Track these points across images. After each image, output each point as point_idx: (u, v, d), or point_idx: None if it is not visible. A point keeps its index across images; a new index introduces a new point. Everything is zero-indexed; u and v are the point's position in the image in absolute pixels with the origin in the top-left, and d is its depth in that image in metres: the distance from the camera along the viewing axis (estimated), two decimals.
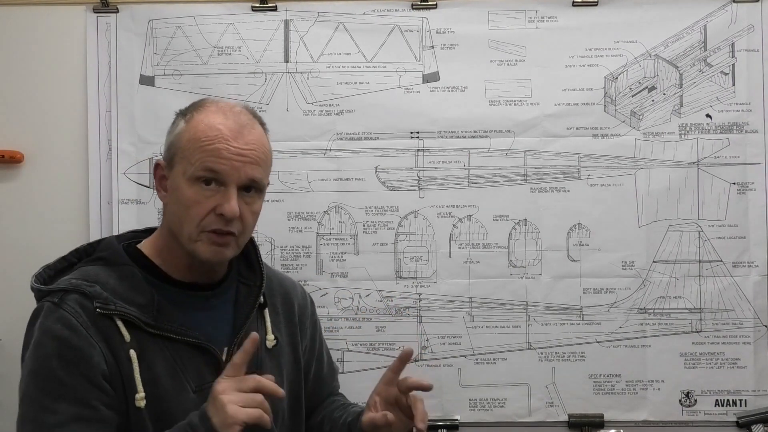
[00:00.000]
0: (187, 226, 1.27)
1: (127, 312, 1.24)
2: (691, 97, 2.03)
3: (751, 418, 1.99)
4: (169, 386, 1.26)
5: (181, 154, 1.28)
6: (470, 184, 2.04)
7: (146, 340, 1.25)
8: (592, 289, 2.02)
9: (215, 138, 1.27)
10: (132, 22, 2.06)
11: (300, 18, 2.05)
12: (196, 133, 1.28)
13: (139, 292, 1.28)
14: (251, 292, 1.39)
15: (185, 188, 1.27)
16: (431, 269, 2.04)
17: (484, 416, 2.03)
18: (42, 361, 1.21)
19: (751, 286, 2.00)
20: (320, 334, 1.58)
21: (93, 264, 1.33)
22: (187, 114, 1.32)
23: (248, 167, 1.29)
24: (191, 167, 1.27)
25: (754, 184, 2.01)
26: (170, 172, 1.30)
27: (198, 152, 1.26)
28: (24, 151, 2.05)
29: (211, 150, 1.26)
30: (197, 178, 1.26)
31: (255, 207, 1.33)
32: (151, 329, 1.26)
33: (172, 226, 1.30)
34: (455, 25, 2.04)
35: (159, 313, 1.27)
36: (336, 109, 2.05)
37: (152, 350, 1.26)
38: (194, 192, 1.27)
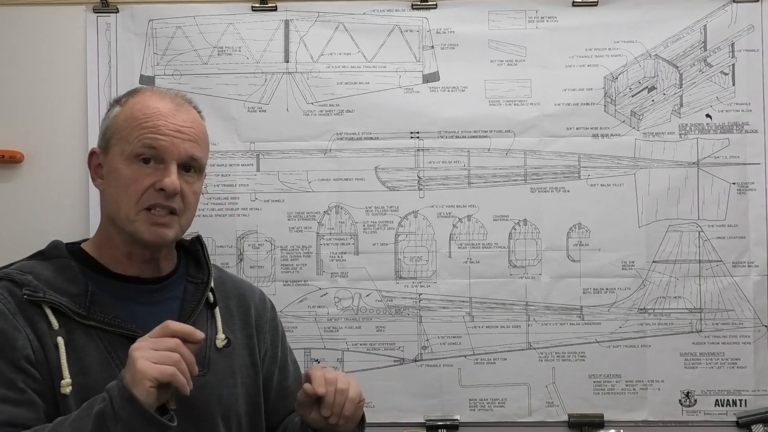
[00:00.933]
0: (125, 205, 1.26)
1: (55, 300, 1.23)
2: (691, 97, 2.03)
3: (751, 418, 1.99)
4: (101, 377, 1.22)
5: (117, 135, 1.28)
6: (470, 184, 2.04)
7: (77, 330, 1.24)
8: (592, 289, 2.02)
9: (153, 115, 1.26)
10: (132, 22, 2.06)
11: (300, 18, 2.05)
12: (133, 113, 1.27)
13: (73, 283, 1.26)
14: (198, 290, 1.37)
15: (123, 168, 1.26)
16: (431, 269, 2.04)
17: (484, 416, 2.03)
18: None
19: (751, 286, 2.00)
20: (284, 343, 1.52)
21: (30, 258, 1.33)
22: (122, 99, 1.32)
23: (187, 144, 1.27)
24: (129, 146, 1.25)
25: (754, 184, 2.01)
26: (106, 157, 1.29)
27: (136, 130, 1.26)
28: (24, 151, 2.05)
29: (149, 126, 1.26)
30: (136, 155, 1.25)
31: (195, 187, 1.32)
32: (82, 319, 1.24)
33: (109, 211, 1.29)
34: (455, 25, 2.04)
35: (92, 304, 1.25)
36: (336, 109, 2.05)
37: (83, 341, 1.24)
38: (133, 170, 1.25)
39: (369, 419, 2.02)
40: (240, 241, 2.05)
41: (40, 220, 2.05)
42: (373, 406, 2.02)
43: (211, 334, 1.34)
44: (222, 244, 2.05)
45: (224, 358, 1.36)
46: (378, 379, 2.02)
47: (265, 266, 2.04)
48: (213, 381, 1.32)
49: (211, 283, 1.38)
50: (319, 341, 2.04)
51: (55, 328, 1.22)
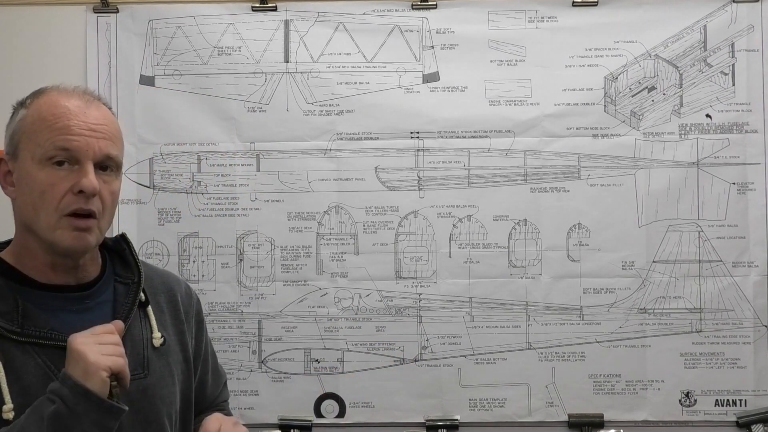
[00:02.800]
0: (44, 213, 1.17)
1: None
2: (691, 97, 2.03)
3: (751, 418, 1.99)
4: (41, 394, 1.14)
5: (26, 139, 1.19)
6: (470, 184, 2.04)
7: (12, 349, 1.16)
8: (592, 289, 2.02)
9: (62, 115, 1.18)
10: (132, 22, 2.06)
11: (300, 18, 2.05)
12: (40, 114, 1.19)
13: (1, 299, 1.18)
14: (130, 290, 1.30)
15: (36, 173, 1.17)
16: (431, 269, 2.04)
17: (484, 416, 2.03)
18: None
19: (751, 286, 2.00)
20: (206, 335, 1.47)
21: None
22: (27, 101, 1.24)
23: (102, 142, 1.20)
24: (40, 149, 1.17)
25: (754, 184, 2.01)
26: (15, 163, 1.20)
27: (46, 132, 1.17)
28: None
29: (60, 127, 1.18)
30: (48, 158, 1.17)
31: (113, 186, 1.23)
32: (17, 336, 1.16)
33: (26, 219, 1.20)
34: (455, 25, 2.04)
35: (24, 319, 1.17)
36: (336, 109, 2.05)
37: (20, 359, 1.16)
38: (47, 174, 1.17)
39: (369, 419, 2.04)
40: (240, 241, 2.05)
41: None
42: (373, 406, 2.02)
43: (146, 333, 1.30)
44: (222, 244, 2.05)
45: (161, 357, 1.31)
46: (378, 379, 2.03)
47: (265, 266, 2.04)
48: (154, 381, 1.28)
49: (142, 283, 1.32)
50: (319, 341, 2.04)
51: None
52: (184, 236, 2.05)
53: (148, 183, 2.05)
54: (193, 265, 2.05)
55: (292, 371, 2.04)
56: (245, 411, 2.02)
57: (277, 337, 2.03)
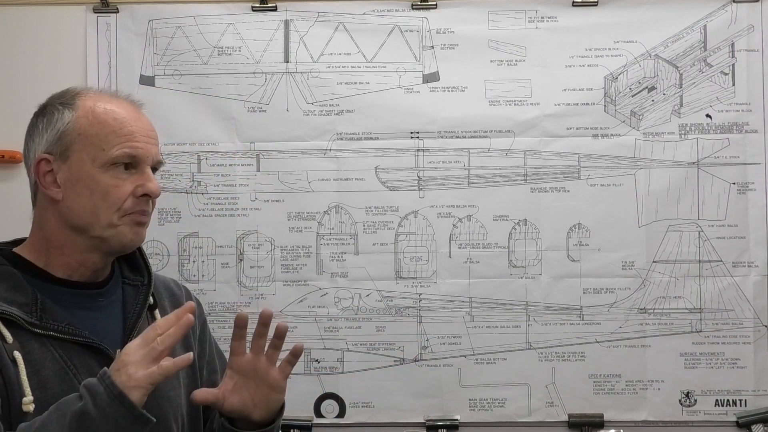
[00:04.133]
0: (106, 213, 1.21)
1: (7, 311, 1.16)
2: (691, 97, 2.03)
3: (751, 418, 1.99)
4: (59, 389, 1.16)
5: (82, 141, 1.22)
6: (470, 184, 2.04)
7: (31, 342, 1.17)
8: (592, 289, 2.02)
9: (124, 121, 1.24)
10: (132, 22, 2.06)
11: (300, 18, 2.05)
12: (98, 117, 1.23)
13: (20, 291, 1.20)
14: (139, 292, 1.32)
15: (99, 176, 1.21)
16: (431, 269, 2.04)
17: (484, 416, 2.03)
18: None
19: (751, 286, 2.00)
20: (209, 336, 1.48)
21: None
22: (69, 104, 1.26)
23: (155, 148, 1.27)
24: (104, 153, 1.21)
25: (754, 184, 2.01)
26: (64, 164, 1.23)
27: (112, 137, 1.22)
28: None
29: (126, 134, 1.23)
30: (114, 163, 1.21)
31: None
32: (36, 329, 1.17)
33: (77, 220, 1.22)
34: (455, 25, 2.04)
35: (43, 312, 1.19)
36: (336, 109, 2.05)
37: (39, 352, 1.17)
38: (110, 177, 1.22)
39: (369, 419, 2.04)
40: (240, 241, 2.05)
41: None
42: (373, 406, 2.02)
43: None
44: (222, 244, 2.05)
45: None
46: (378, 379, 2.03)
47: (265, 266, 2.04)
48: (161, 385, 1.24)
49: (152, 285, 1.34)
50: (319, 341, 2.04)
51: (9, 342, 1.15)
52: (184, 236, 2.05)
53: None
54: (193, 265, 2.05)
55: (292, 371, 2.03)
56: None
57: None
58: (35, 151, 1.25)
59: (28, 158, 1.28)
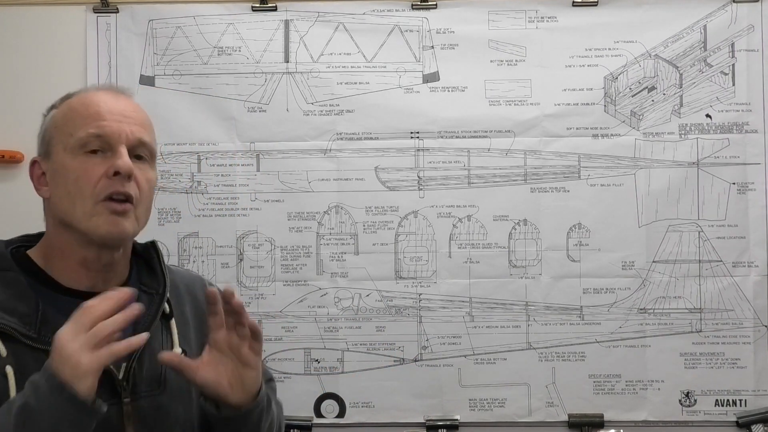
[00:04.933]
0: (80, 201, 1.16)
1: (4, 324, 1.12)
2: (691, 97, 2.03)
3: (751, 418, 1.99)
4: None
5: (57, 135, 1.19)
6: (470, 184, 2.04)
7: (27, 355, 1.12)
8: (592, 289, 2.02)
9: (92, 104, 1.19)
10: (132, 22, 2.06)
11: (300, 18, 2.05)
12: (71, 107, 1.20)
13: (22, 300, 1.15)
14: (153, 301, 1.25)
15: (69, 162, 1.17)
16: (431, 269, 2.04)
17: (484, 416, 2.03)
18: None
19: (751, 286, 2.00)
20: None
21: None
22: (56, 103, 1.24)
23: (134, 127, 1.19)
24: (72, 138, 1.17)
25: (754, 184, 2.01)
26: (48, 161, 1.20)
27: (78, 120, 1.18)
28: (24, 151, 2.05)
29: (91, 114, 1.18)
30: (81, 146, 1.16)
31: (149, 174, 1.21)
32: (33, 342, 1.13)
33: (61, 213, 1.18)
34: (455, 25, 2.04)
35: (43, 325, 1.14)
36: (336, 109, 2.05)
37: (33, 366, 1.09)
38: (80, 162, 1.16)
39: (369, 419, 2.04)
40: (240, 241, 2.05)
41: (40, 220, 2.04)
42: (373, 406, 2.02)
43: (166, 347, 1.25)
44: (222, 244, 2.05)
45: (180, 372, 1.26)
46: (378, 379, 2.02)
47: (265, 266, 2.04)
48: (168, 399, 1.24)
49: (167, 295, 1.28)
50: (319, 341, 2.04)
51: (2, 356, 1.11)
52: (184, 236, 2.05)
53: None
54: (193, 265, 2.05)
55: (292, 371, 2.04)
56: None
57: (277, 337, 2.03)
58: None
59: None
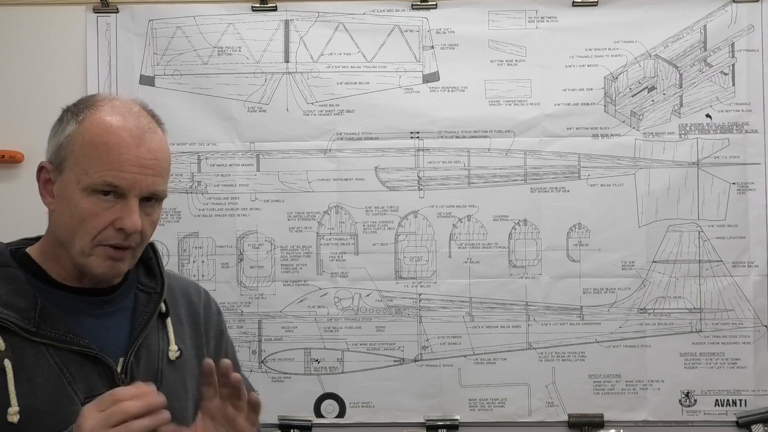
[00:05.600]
0: (80, 239, 1.16)
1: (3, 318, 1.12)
2: (691, 97, 2.03)
3: (751, 418, 1.99)
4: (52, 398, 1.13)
5: (73, 159, 1.16)
6: (470, 184, 2.04)
7: (25, 348, 1.13)
8: (592, 289, 2.02)
9: (115, 146, 1.14)
10: (132, 22, 2.06)
11: (300, 18, 2.05)
12: (91, 138, 1.15)
13: (20, 295, 1.16)
14: (151, 300, 1.27)
15: (79, 199, 1.15)
16: (431, 269, 2.04)
17: (484, 416, 2.03)
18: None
19: (751, 286, 2.00)
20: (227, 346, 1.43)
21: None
22: (80, 114, 1.18)
23: (150, 179, 1.17)
24: (87, 178, 1.14)
25: (754, 184, 2.01)
26: (58, 176, 1.17)
27: (96, 162, 1.14)
28: (24, 151, 2.05)
29: (110, 162, 1.14)
30: (94, 189, 1.14)
31: (154, 217, 1.22)
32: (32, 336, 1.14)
33: (60, 236, 1.19)
34: (455, 25, 2.04)
35: (42, 319, 1.15)
36: (336, 109, 2.05)
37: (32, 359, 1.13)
38: (90, 204, 1.15)
39: (369, 419, 2.04)
40: (240, 241, 2.05)
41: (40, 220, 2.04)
42: (373, 406, 2.02)
43: (162, 345, 1.28)
44: (222, 244, 2.05)
45: (176, 370, 1.29)
46: (378, 379, 2.02)
47: (265, 266, 2.04)
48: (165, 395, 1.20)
49: (164, 294, 1.29)
50: (319, 341, 2.04)
51: (1, 349, 1.12)
52: (184, 236, 2.05)
53: None
54: (193, 265, 2.05)
55: (292, 371, 2.04)
56: None
57: (277, 337, 2.03)
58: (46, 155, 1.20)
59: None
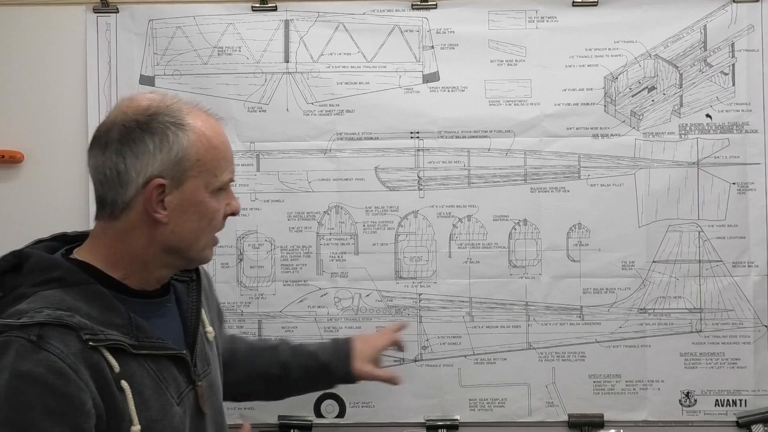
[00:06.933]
0: (206, 236, 1.27)
1: (114, 339, 1.14)
2: (691, 97, 2.03)
3: (751, 418, 1.99)
4: (159, 406, 1.19)
5: (198, 167, 1.21)
6: (470, 184, 2.04)
7: (131, 363, 1.16)
8: (592, 289, 2.02)
9: (227, 144, 1.29)
10: (132, 22, 2.06)
11: (300, 18, 2.05)
12: (212, 142, 1.23)
13: (113, 312, 1.17)
14: (191, 288, 1.35)
15: (208, 201, 1.24)
16: (431, 269, 2.04)
17: (484, 416, 2.03)
18: (19, 410, 1.04)
19: (751, 286, 2.00)
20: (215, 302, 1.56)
21: (47, 288, 1.16)
22: (180, 125, 1.21)
23: None
24: (216, 179, 1.24)
25: (754, 184, 2.01)
26: (176, 189, 1.21)
27: (221, 163, 1.25)
28: (24, 151, 2.05)
29: (230, 158, 1.29)
30: (221, 188, 1.27)
31: None
32: (135, 350, 1.17)
33: (176, 242, 1.22)
34: (455, 25, 2.04)
35: (138, 331, 1.18)
36: (336, 109, 2.05)
37: (139, 373, 1.17)
38: (216, 202, 1.26)
39: (369, 419, 2.04)
40: (240, 241, 2.05)
41: (40, 220, 2.05)
42: (373, 406, 2.02)
43: (201, 329, 1.35)
44: (222, 244, 2.02)
45: (212, 349, 1.39)
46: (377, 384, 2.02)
47: (265, 266, 2.04)
48: (214, 374, 1.36)
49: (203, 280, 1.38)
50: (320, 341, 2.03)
51: (116, 371, 1.13)
52: None
53: None
54: None
55: None
56: (245, 411, 2.01)
57: (278, 337, 2.03)
58: (144, 171, 1.18)
59: (125, 173, 1.19)
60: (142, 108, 1.21)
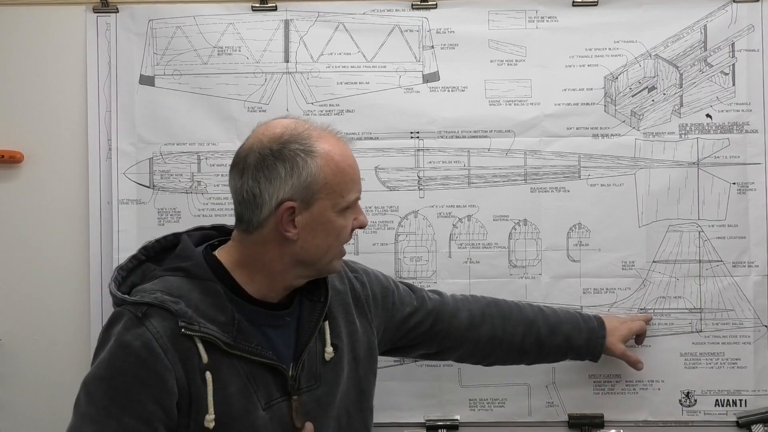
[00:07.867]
0: (334, 250, 1.37)
1: (209, 332, 1.25)
2: (691, 97, 2.03)
3: (751, 418, 1.99)
4: (241, 405, 1.28)
5: (326, 190, 1.32)
6: (470, 184, 2.04)
7: (222, 360, 1.27)
8: (592, 289, 2.02)
9: (355, 166, 1.37)
10: (132, 22, 2.06)
11: (300, 18, 2.05)
12: (339, 166, 1.33)
13: (221, 310, 1.29)
14: (315, 308, 1.42)
15: (336, 219, 1.34)
16: (431, 269, 2.04)
17: (484, 416, 2.03)
18: (116, 372, 1.22)
19: (751, 286, 2.00)
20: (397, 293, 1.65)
21: (174, 274, 1.33)
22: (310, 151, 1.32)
23: None
24: (344, 200, 1.34)
25: (754, 184, 2.01)
26: (305, 210, 1.32)
27: (349, 185, 1.35)
28: (24, 151, 2.05)
29: (358, 179, 1.38)
30: (348, 207, 1.36)
31: None
32: (229, 348, 1.27)
33: (307, 257, 1.34)
34: (455, 25, 2.04)
35: (238, 333, 1.29)
36: (336, 109, 2.05)
37: (227, 370, 1.27)
38: (344, 219, 1.36)
39: None
40: None
41: (40, 220, 2.05)
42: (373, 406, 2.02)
43: (319, 347, 1.41)
44: None
45: (331, 368, 1.43)
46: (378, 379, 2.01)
47: None
48: (324, 391, 1.40)
49: (328, 302, 1.43)
50: None
51: (204, 362, 1.25)
52: None
53: (147, 183, 2.05)
54: None
55: None
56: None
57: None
58: (276, 195, 1.31)
59: (260, 197, 1.31)
60: (276, 135, 1.34)
